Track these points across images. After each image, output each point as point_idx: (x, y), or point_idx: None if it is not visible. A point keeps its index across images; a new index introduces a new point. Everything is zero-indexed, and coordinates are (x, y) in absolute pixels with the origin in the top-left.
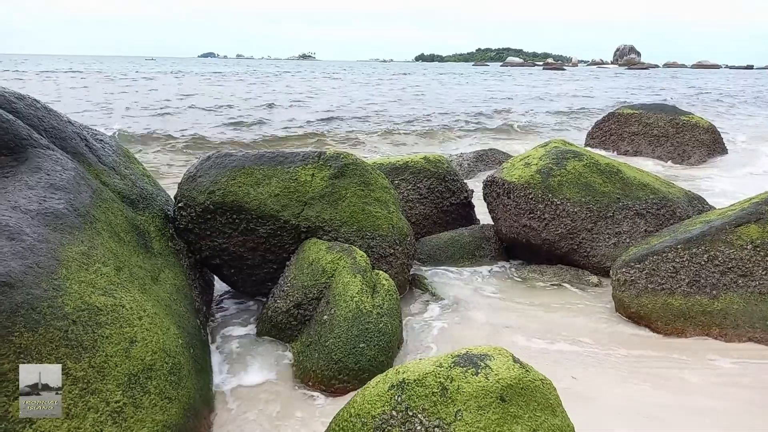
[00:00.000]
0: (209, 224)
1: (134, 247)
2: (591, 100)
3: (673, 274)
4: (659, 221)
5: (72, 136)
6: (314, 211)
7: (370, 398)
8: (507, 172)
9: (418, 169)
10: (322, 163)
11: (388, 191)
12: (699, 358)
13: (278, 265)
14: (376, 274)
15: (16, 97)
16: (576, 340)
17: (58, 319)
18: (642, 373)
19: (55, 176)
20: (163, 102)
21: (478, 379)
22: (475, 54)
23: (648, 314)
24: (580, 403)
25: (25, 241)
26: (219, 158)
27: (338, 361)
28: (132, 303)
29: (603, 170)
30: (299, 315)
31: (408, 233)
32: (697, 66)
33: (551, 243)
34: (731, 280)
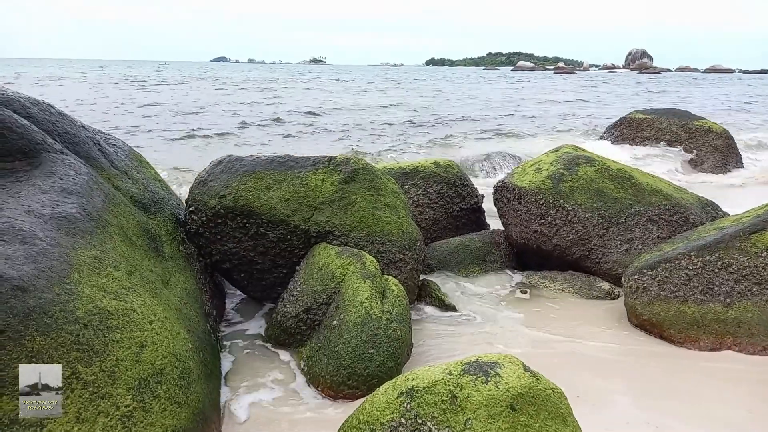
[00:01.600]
0: (220, 228)
1: (145, 251)
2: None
3: (686, 281)
4: (672, 228)
5: (85, 141)
6: (324, 215)
7: (379, 405)
8: (518, 177)
9: (428, 174)
10: (332, 167)
11: (398, 196)
12: (712, 366)
13: (288, 269)
14: (386, 280)
15: (30, 102)
16: (587, 347)
17: (70, 323)
18: (653, 382)
19: (68, 180)
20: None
21: (488, 388)
22: (486, 58)
23: (660, 322)
24: (591, 412)
25: (38, 245)
26: (230, 163)
27: (347, 367)
28: (143, 307)
29: (615, 176)
30: (309, 320)
31: (418, 238)
32: (711, 70)
33: (562, 249)
34: (746, 288)
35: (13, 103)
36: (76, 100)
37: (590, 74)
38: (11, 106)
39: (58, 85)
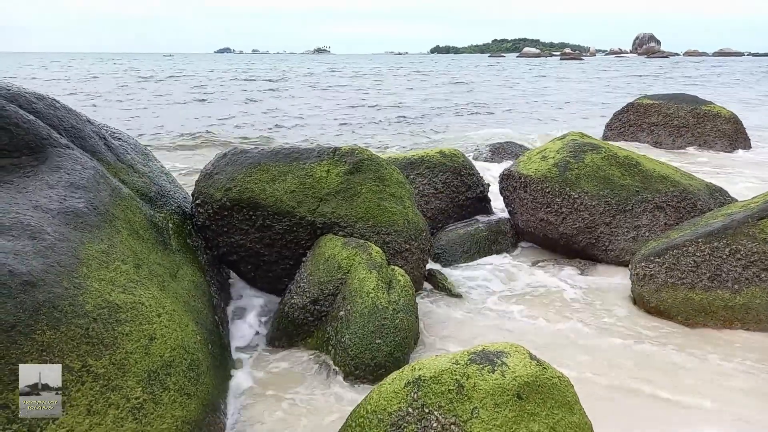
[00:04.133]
0: (226, 221)
1: (153, 244)
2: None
3: (694, 268)
4: (679, 214)
5: (91, 135)
6: (330, 207)
7: (387, 395)
8: (523, 165)
9: (433, 164)
10: (337, 158)
11: (404, 186)
12: (721, 352)
13: (294, 261)
14: (392, 270)
15: (36, 97)
16: (595, 335)
17: (79, 317)
18: (660, 369)
19: (74, 175)
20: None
21: (494, 377)
22: (491, 45)
23: (668, 309)
24: (598, 399)
25: (47, 240)
26: (235, 155)
27: (354, 357)
28: (151, 300)
29: (622, 163)
30: (316, 311)
31: (423, 228)
32: (719, 54)
33: (569, 237)
34: (754, 274)
35: (18, 98)
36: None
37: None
38: (17, 101)
39: (121, 85)
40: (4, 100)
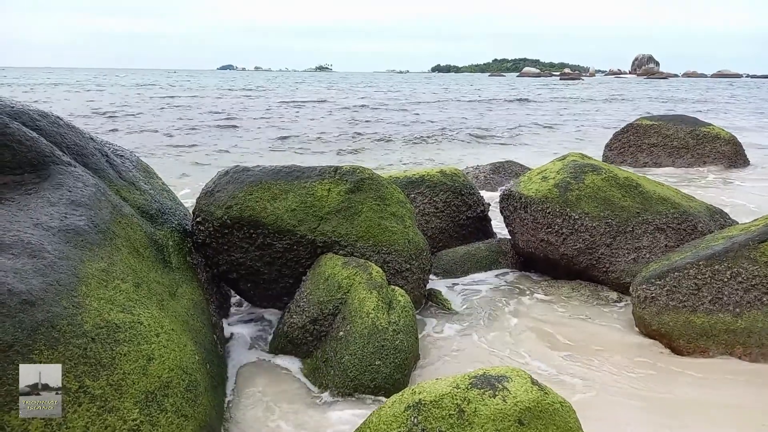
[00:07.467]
0: (227, 239)
1: (153, 263)
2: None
3: (695, 291)
4: (680, 236)
5: (93, 152)
6: (330, 225)
7: (386, 419)
8: (524, 185)
9: (434, 183)
10: (338, 177)
11: (404, 205)
12: (720, 379)
13: (294, 279)
14: (392, 290)
15: (39, 114)
16: (594, 358)
17: (78, 336)
18: (662, 395)
19: (76, 192)
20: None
21: (495, 402)
22: (492, 64)
23: (669, 332)
24: (600, 425)
25: (46, 258)
26: (236, 173)
27: (354, 379)
28: (150, 319)
29: (622, 184)
30: (315, 331)
31: (424, 248)
32: (718, 75)
33: (569, 258)
34: (755, 298)
35: (22, 116)
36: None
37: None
38: (20, 119)
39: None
40: (8, 118)
